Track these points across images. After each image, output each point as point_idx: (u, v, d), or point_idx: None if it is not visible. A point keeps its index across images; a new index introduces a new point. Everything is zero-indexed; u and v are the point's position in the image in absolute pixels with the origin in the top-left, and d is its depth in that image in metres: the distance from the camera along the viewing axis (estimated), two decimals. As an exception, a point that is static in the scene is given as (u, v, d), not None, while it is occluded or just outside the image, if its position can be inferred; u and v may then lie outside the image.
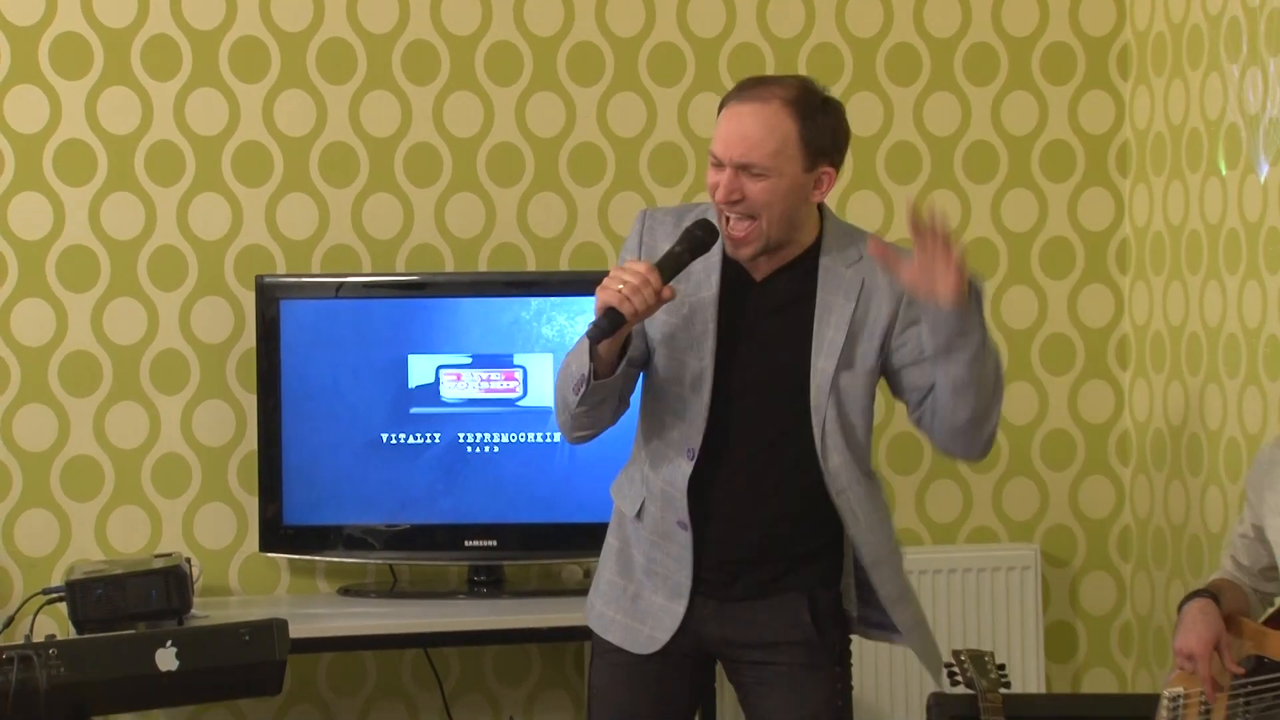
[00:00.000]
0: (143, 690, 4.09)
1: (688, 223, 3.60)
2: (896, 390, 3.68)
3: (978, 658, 4.63)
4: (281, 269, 4.91)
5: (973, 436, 3.59)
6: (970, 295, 3.41)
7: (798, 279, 3.63)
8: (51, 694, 3.85)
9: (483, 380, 4.79)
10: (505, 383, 4.77)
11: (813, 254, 3.64)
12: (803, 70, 5.06)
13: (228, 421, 4.92)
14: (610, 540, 3.77)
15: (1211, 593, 3.84)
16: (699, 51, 5.10)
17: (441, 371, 4.79)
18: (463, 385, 4.79)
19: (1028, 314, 5.30)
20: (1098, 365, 5.34)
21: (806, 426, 3.60)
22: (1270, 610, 3.88)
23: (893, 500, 5.23)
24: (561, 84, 5.03)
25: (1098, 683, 5.35)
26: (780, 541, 3.64)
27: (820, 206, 3.67)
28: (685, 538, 3.60)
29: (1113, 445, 5.36)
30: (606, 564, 3.77)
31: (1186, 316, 5.07)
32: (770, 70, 5.05)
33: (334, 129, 4.95)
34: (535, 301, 4.81)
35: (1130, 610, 5.36)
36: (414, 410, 4.79)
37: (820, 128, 3.57)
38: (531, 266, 5.03)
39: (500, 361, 4.78)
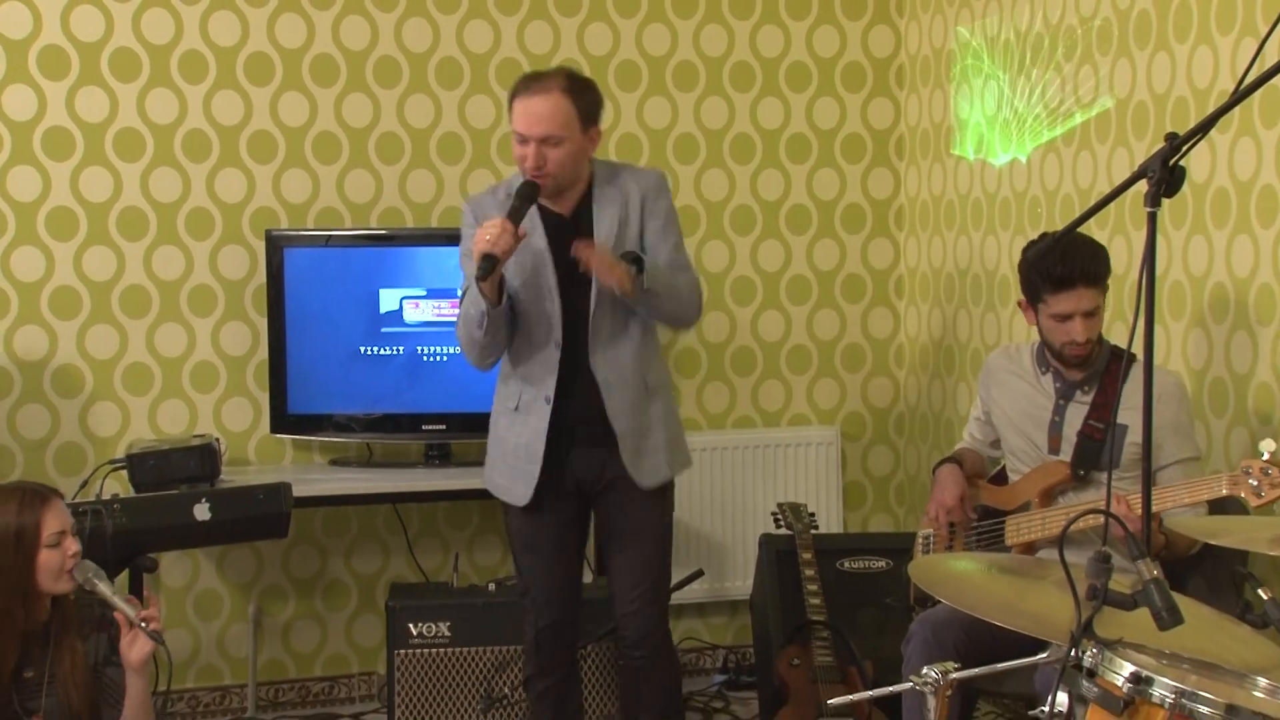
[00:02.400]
0: (184, 535, 4.14)
1: (501, 195, 3.68)
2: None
3: (795, 508, 4.68)
4: (285, 225, 4.88)
5: (674, 326, 3.92)
6: (638, 282, 3.52)
7: (586, 210, 3.69)
8: (115, 538, 3.89)
9: (435, 307, 4.78)
10: (451, 309, 4.73)
11: (591, 188, 3.71)
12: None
13: (245, 337, 4.90)
14: (492, 433, 3.80)
15: (956, 459, 3.89)
16: (597, 66, 5.12)
17: (404, 301, 4.78)
18: (420, 311, 4.78)
19: (831, 259, 5.33)
20: (881, 296, 5.39)
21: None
22: (994, 471, 3.95)
23: (734, 397, 5.30)
24: (492, 90, 5.02)
25: (880, 524, 5.42)
26: (595, 387, 3.68)
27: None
28: (546, 410, 3.64)
29: (891, 354, 5.41)
30: (493, 449, 3.80)
31: (944, 261, 5.12)
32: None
33: (323, 121, 4.92)
34: (472, 249, 4.82)
35: (903, 472, 5.45)
36: (384, 329, 4.78)
37: (588, 102, 3.63)
38: (470, 223, 5.03)
39: (447, 294, 4.76)
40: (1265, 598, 2.46)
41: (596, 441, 3.69)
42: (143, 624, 3.24)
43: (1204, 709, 2.09)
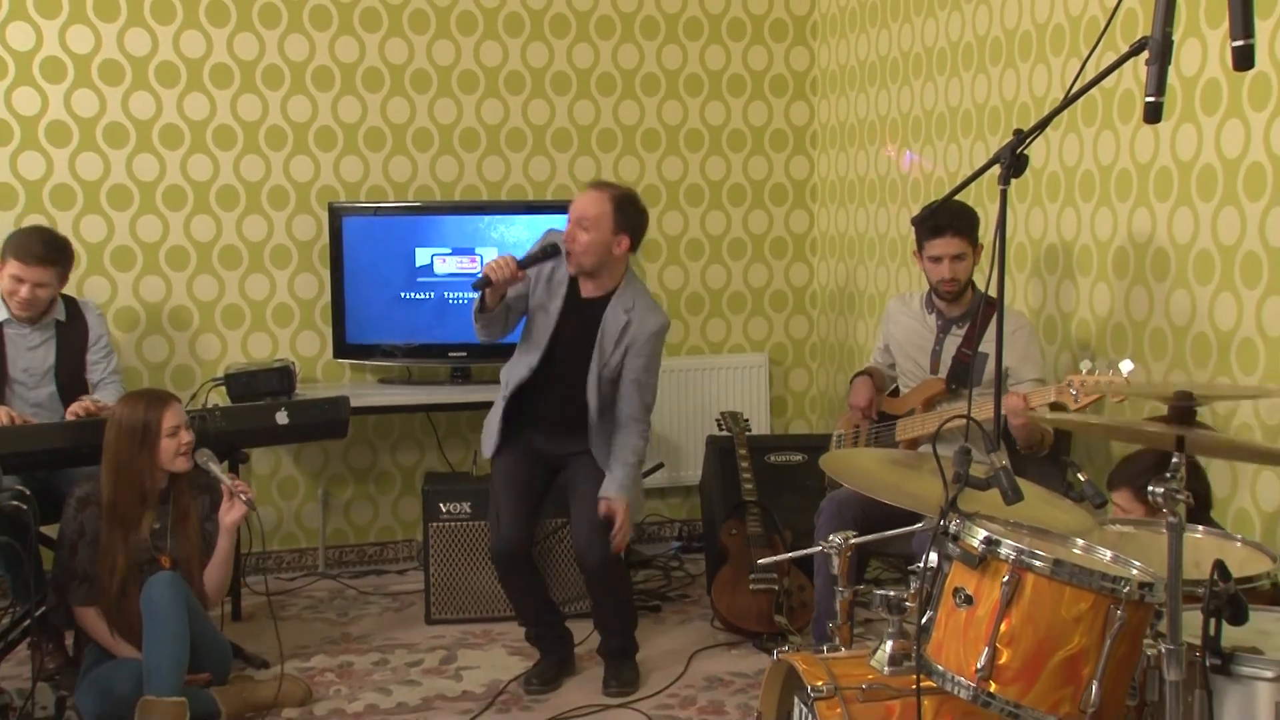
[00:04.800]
0: (269, 435, 4.14)
1: (553, 265, 3.66)
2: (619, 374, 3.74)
3: (734, 415, 4.69)
4: (343, 199, 4.85)
5: None
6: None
7: (599, 306, 3.68)
8: (217, 437, 3.89)
9: (458, 262, 4.76)
10: (470, 264, 4.76)
11: (611, 296, 3.68)
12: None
13: (313, 285, 4.87)
14: (498, 398, 3.83)
15: (869, 372, 3.93)
16: (582, 76, 5.08)
17: (434, 257, 4.75)
18: (446, 265, 4.75)
19: (761, 225, 5.31)
20: (800, 253, 5.37)
21: (584, 376, 3.68)
22: (891, 387, 3.98)
23: (687, 330, 5.31)
24: (501, 94, 4.99)
25: (798, 428, 5.42)
26: (567, 416, 3.71)
27: (629, 270, 3.70)
28: (501, 404, 3.71)
29: (808, 298, 5.40)
30: (491, 413, 3.83)
31: (848, 227, 5.11)
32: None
33: (371, 119, 4.87)
34: (486, 218, 4.79)
35: (815, 389, 5.45)
36: (419, 279, 4.75)
37: (626, 214, 3.60)
38: (484, 198, 4.99)
39: (467, 251, 4.75)
40: (1082, 480, 2.50)
41: (559, 429, 3.73)
42: (241, 495, 3.39)
43: (1037, 563, 2.13)
